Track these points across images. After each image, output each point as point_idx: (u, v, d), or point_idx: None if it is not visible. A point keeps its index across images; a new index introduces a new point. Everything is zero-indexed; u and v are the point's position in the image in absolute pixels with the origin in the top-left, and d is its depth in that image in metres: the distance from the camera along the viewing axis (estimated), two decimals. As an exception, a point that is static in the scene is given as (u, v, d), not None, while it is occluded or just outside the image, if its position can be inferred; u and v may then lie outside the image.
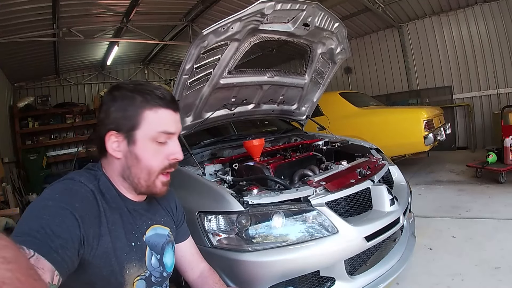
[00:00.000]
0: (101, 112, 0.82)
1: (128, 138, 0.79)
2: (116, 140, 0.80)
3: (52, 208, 0.67)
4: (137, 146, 0.79)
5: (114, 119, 0.79)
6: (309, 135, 2.80)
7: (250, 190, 1.51)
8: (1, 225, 2.18)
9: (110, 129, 0.79)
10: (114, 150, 0.80)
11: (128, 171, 0.81)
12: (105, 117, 0.80)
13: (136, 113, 0.78)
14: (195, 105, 2.06)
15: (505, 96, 5.56)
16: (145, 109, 0.78)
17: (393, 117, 4.33)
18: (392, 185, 2.02)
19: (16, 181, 4.95)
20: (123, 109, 0.78)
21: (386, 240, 1.68)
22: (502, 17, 5.41)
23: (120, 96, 0.80)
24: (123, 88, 0.81)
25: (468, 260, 2.06)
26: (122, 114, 0.78)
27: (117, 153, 0.80)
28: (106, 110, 0.80)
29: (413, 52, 6.57)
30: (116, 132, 0.79)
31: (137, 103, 0.78)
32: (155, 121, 0.79)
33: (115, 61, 7.58)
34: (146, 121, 0.79)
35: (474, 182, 3.86)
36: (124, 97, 0.79)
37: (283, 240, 1.39)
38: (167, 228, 0.95)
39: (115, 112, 0.79)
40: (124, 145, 0.80)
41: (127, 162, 0.81)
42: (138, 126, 0.78)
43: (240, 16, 1.66)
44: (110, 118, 0.79)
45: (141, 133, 0.79)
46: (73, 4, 4.33)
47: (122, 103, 0.79)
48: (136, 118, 0.78)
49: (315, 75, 2.56)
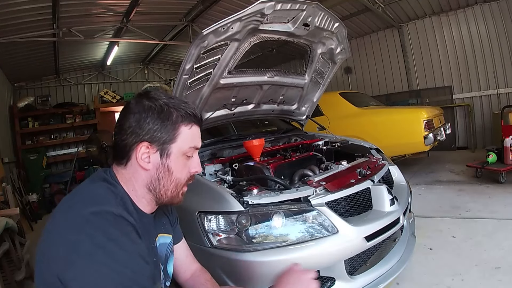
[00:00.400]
0: (129, 119, 0.79)
1: (161, 151, 0.80)
2: (147, 151, 0.79)
3: (125, 259, 0.66)
4: (170, 159, 0.81)
5: (149, 130, 0.78)
6: (309, 135, 2.80)
7: (250, 190, 1.51)
8: (1, 225, 2.18)
9: (143, 140, 0.78)
10: (143, 160, 0.79)
11: (156, 182, 0.81)
12: (137, 127, 0.78)
13: (173, 127, 0.80)
14: (195, 105, 2.06)
15: (505, 96, 5.55)
16: (182, 124, 0.81)
17: (393, 117, 4.33)
18: (392, 185, 2.02)
19: (16, 181, 4.95)
20: (161, 122, 0.79)
21: (386, 240, 1.68)
22: (502, 17, 5.40)
23: (156, 108, 0.79)
24: (158, 99, 0.80)
25: (468, 260, 2.06)
26: (159, 127, 0.79)
27: (146, 164, 0.80)
28: (139, 120, 0.78)
29: (413, 52, 6.57)
30: (149, 143, 0.79)
31: (174, 118, 0.80)
32: (189, 136, 0.83)
33: (115, 61, 7.58)
34: (181, 136, 0.81)
35: (474, 182, 3.85)
36: (161, 110, 0.79)
37: (283, 240, 1.39)
38: (169, 235, 0.95)
39: (151, 123, 0.78)
40: (156, 157, 0.80)
41: (158, 174, 0.81)
42: (174, 140, 0.81)
43: (240, 16, 1.66)
44: (145, 129, 0.78)
45: (176, 147, 0.81)
46: (73, 4, 4.33)
47: (159, 116, 0.79)
48: (173, 132, 0.80)
49: (315, 75, 2.56)
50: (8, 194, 3.43)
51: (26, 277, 2.37)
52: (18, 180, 5.13)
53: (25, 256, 2.54)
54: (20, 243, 2.64)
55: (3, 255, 2.16)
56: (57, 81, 7.66)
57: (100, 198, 0.73)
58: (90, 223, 0.66)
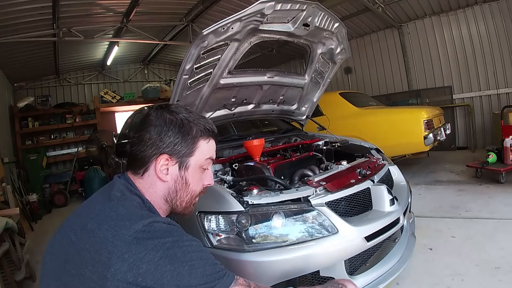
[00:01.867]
0: (150, 131, 0.82)
1: (180, 163, 0.83)
2: (166, 164, 0.82)
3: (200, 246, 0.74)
4: (188, 172, 0.85)
5: (170, 144, 0.81)
6: (309, 135, 2.80)
7: (250, 190, 1.51)
8: (1, 225, 2.18)
9: (164, 153, 0.81)
10: (161, 172, 0.82)
11: (174, 194, 0.85)
12: (158, 139, 0.81)
13: (193, 141, 0.84)
14: (195, 105, 2.06)
15: (505, 96, 5.55)
16: (201, 139, 0.85)
17: (393, 117, 4.33)
18: (392, 185, 2.02)
19: (16, 181, 4.95)
20: (182, 136, 0.82)
21: (386, 240, 1.68)
22: (502, 17, 5.40)
23: (177, 122, 0.82)
24: (178, 113, 0.84)
25: (468, 260, 2.06)
26: (179, 140, 0.82)
27: (165, 176, 0.82)
28: (160, 133, 0.81)
29: (413, 52, 6.56)
30: (169, 156, 0.82)
31: (194, 133, 0.84)
32: (206, 150, 0.87)
33: (115, 61, 7.58)
34: (200, 150, 0.85)
35: (474, 182, 3.85)
36: (182, 125, 0.83)
37: (283, 240, 1.40)
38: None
39: (172, 137, 0.81)
40: (174, 169, 0.83)
41: (175, 186, 0.84)
42: (193, 154, 0.84)
43: (240, 16, 1.66)
44: (166, 142, 0.81)
45: (194, 160, 0.85)
46: (73, 4, 4.33)
47: (180, 130, 0.82)
48: (192, 146, 0.84)
49: (315, 75, 2.56)
50: (8, 194, 3.43)
51: (26, 277, 2.37)
52: (18, 180, 5.13)
53: (25, 256, 2.54)
54: (20, 243, 2.64)
55: (3, 255, 2.16)
56: (57, 81, 7.65)
57: (148, 214, 0.76)
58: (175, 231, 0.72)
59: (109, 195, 0.78)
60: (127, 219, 0.70)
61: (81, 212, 0.78)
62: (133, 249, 0.65)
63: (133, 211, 0.74)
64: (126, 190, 0.80)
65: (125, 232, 0.67)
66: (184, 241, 0.71)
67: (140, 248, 0.65)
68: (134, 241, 0.66)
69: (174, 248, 0.68)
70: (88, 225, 0.71)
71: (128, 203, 0.76)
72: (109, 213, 0.72)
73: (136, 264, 0.64)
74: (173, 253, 0.67)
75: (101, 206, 0.75)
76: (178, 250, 0.68)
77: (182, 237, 0.72)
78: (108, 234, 0.67)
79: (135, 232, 0.67)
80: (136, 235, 0.67)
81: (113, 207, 0.74)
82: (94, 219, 0.72)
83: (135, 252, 0.64)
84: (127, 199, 0.77)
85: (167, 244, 0.67)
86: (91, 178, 5.85)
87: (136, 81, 8.74)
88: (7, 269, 2.20)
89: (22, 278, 2.28)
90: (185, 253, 0.68)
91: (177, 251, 0.67)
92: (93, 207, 0.76)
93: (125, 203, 0.76)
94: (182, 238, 0.71)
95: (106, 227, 0.68)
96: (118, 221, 0.69)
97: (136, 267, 0.63)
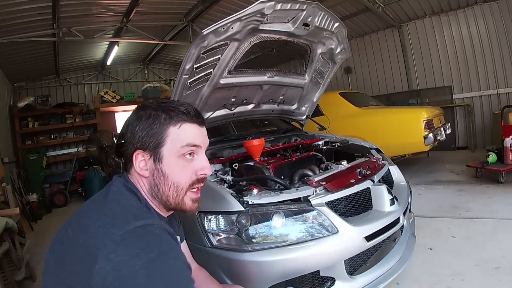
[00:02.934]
0: (127, 132, 0.83)
1: (154, 156, 0.80)
2: (143, 159, 0.80)
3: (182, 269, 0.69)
4: (163, 163, 0.79)
5: (139, 138, 0.80)
6: (309, 135, 2.80)
7: (250, 190, 1.51)
8: (1, 225, 2.18)
9: (137, 148, 0.80)
10: (141, 169, 0.80)
11: (156, 189, 0.81)
12: (131, 137, 0.81)
13: (161, 130, 0.79)
14: (195, 105, 2.06)
15: (505, 96, 5.55)
16: (170, 125, 0.79)
17: (393, 117, 4.33)
18: (392, 185, 2.02)
19: (16, 181, 4.94)
20: (148, 128, 0.79)
21: (386, 240, 1.68)
22: (502, 17, 5.40)
23: (145, 115, 0.81)
24: (148, 107, 0.82)
25: (468, 260, 2.05)
26: (147, 132, 0.79)
27: (144, 171, 0.80)
28: (132, 131, 0.81)
29: (413, 52, 6.56)
30: (143, 150, 0.80)
31: (161, 120, 0.79)
32: (180, 136, 0.80)
33: (115, 61, 7.58)
34: (170, 137, 0.79)
35: (474, 182, 3.85)
36: (149, 116, 0.80)
37: (283, 240, 1.39)
38: (178, 237, 0.94)
39: (140, 131, 0.80)
40: (150, 163, 0.80)
41: (154, 180, 0.81)
42: (163, 143, 0.79)
43: (240, 16, 1.66)
44: (136, 137, 0.80)
45: (167, 149, 0.79)
46: (73, 4, 4.32)
47: (147, 121, 0.80)
48: (161, 135, 0.79)
49: (315, 75, 2.56)
50: (8, 194, 3.43)
51: (26, 277, 2.37)
52: (18, 180, 5.12)
53: (25, 256, 2.54)
54: (20, 243, 2.64)
55: (3, 255, 2.16)
56: (57, 81, 7.65)
57: (137, 211, 0.74)
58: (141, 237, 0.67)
59: (107, 193, 0.78)
60: (121, 218, 0.69)
61: (81, 210, 0.79)
62: (120, 250, 0.63)
63: (128, 210, 0.73)
64: (123, 188, 0.79)
65: (115, 231, 0.65)
66: (170, 257, 0.67)
67: (126, 251, 0.63)
68: (122, 242, 0.64)
69: (157, 261, 0.64)
70: (83, 221, 0.72)
71: (124, 201, 0.75)
72: (104, 210, 0.72)
73: (119, 266, 0.62)
74: (153, 267, 0.63)
75: (98, 203, 0.76)
76: (160, 265, 0.64)
77: (169, 252, 0.68)
78: (100, 231, 0.67)
79: (125, 232, 0.65)
80: (125, 235, 0.65)
81: (109, 204, 0.74)
82: (90, 216, 0.73)
83: (120, 254, 0.63)
84: (123, 197, 0.76)
85: (151, 254, 0.64)
86: (91, 178, 5.85)
87: (136, 81, 8.74)
88: (7, 269, 2.20)
89: (22, 278, 2.27)
90: (164, 271, 0.64)
91: (159, 266, 0.64)
92: (92, 205, 0.78)
93: (121, 201, 0.75)
94: (169, 253, 0.67)
95: (99, 224, 0.68)
96: (111, 218, 0.69)
97: (118, 269, 0.62)
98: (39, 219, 4.82)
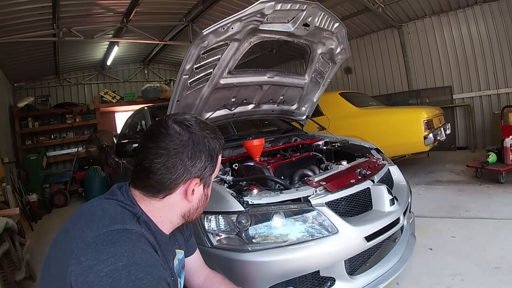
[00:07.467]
0: (179, 156, 0.73)
1: (205, 183, 0.81)
2: (195, 186, 0.78)
3: (150, 286, 0.61)
4: (209, 188, 0.84)
5: (201, 168, 0.77)
6: (309, 135, 2.80)
7: (250, 190, 1.51)
8: (1, 225, 2.18)
9: (195, 177, 0.77)
10: (190, 195, 0.78)
11: (194, 210, 0.82)
12: (190, 165, 0.75)
13: (216, 160, 0.81)
14: (195, 105, 2.06)
15: (505, 96, 5.55)
16: (219, 154, 0.82)
17: (393, 117, 4.33)
18: (392, 185, 2.02)
19: (16, 181, 4.94)
20: (210, 159, 0.78)
21: (386, 240, 1.68)
22: (502, 17, 5.40)
23: (205, 144, 0.77)
24: (205, 138, 0.77)
25: (468, 260, 2.06)
26: (209, 163, 0.78)
27: (191, 197, 0.79)
28: (193, 158, 0.75)
29: (413, 52, 6.56)
30: (199, 179, 0.78)
31: (216, 151, 0.80)
32: (219, 162, 0.84)
33: (115, 61, 7.58)
34: (218, 165, 0.83)
35: (474, 182, 3.85)
36: (209, 147, 0.78)
37: (283, 240, 1.40)
38: (182, 251, 0.94)
39: (204, 161, 0.77)
40: (199, 189, 0.80)
41: (198, 204, 0.82)
42: (215, 171, 0.82)
43: (240, 16, 1.66)
44: (198, 166, 0.76)
45: (214, 176, 0.83)
46: (73, 4, 4.33)
47: (210, 152, 0.78)
48: (215, 164, 0.81)
49: (315, 75, 2.56)
50: (8, 194, 3.43)
51: (26, 277, 2.37)
52: (18, 180, 5.12)
53: (25, 256, 2.54)
54: (20, 243, 2.64)
55: (3, 255, 2.16)
56: (57, 81, 7.65)
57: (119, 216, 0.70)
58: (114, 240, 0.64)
59: (98, 201, 0.77)
60: (97, 221, 0.67)
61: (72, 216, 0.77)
62: (89, 253, 0.61)
63: (108, 214, 0.69)
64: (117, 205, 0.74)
65: (89, 233, 0.64)
66: (139, 270, 0.60)
67: (95, 255, 0.60)
68: (93, 245, 0.62)
69: (123, 272, 0.59)
70: (67, 225, 0.71)
71: (108, 206, 0.72)
72: (85, 214, 0.72)
73: (87, 271, 0.59)
74: (118, 277, 0.58)
75: (84, 208, 0.75)
76: (126, 277, 0.58)
77: (140, 264, 0.61)
78: (76, 235, 0.66)
79: (97, 235, 0.63)
80: (97, 239, 0.63)
81: (92, 208, 0.73)
82: (73, 220, 0.72)
83: (89, 258, 0.60)
84: (110, 204, 0.73)
85: (120, 263, 0.59)
86: (91, 178, 5.84)
87: (136, 81, 8.74)
88: (7, 269, 2.20)
89: (22, 278, 2.27)
90: (129, 285, 0.58)
91: (124, 277, 0.58)
92: (81, 210, 0.76)
93: (104, 206, 0.72)
94: (139, 266, 0.61)
95: (77, 228, 0.68)
96: (89, 222, 0.67)
97: (85, 274, 0.59)
98: (39, 219, 4.82)
